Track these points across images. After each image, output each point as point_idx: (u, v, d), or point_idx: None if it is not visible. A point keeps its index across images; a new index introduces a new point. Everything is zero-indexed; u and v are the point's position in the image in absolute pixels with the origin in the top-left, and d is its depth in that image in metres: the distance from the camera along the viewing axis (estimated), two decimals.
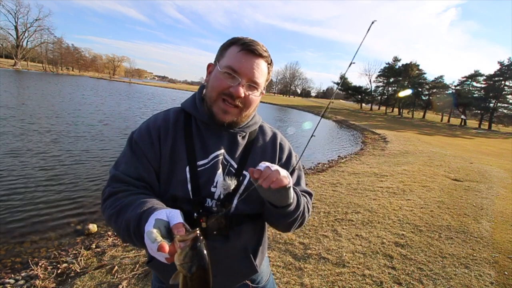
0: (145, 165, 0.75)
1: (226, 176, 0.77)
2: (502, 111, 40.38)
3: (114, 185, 0.73)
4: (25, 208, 3.63)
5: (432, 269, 2.43)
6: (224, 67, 0.73)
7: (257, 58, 0.74)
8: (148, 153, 0.76)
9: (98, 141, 7.42)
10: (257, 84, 0.75)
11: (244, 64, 0.73)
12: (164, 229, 0.52)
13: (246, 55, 0.73)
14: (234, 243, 0.79)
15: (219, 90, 0.74)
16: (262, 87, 0.78)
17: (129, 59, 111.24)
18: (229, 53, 0.75)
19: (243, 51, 0.73)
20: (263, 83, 0.78)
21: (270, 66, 0.80)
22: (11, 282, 2.29)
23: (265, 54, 0.76)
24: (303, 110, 39.27)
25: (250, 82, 0.74)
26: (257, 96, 0.78)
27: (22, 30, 54.30)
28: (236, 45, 0.74)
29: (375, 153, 9.45)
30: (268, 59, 0.78)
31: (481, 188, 5.21)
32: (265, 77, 0.78)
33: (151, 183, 0.76)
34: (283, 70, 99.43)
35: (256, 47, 0.73)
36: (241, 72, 0.72)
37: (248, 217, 0.82)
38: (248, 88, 0.75)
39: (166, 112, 0.84)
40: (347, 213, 3.58)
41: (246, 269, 0.85)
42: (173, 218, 0.54)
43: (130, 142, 0.79)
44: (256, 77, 0.74)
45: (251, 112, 0.81)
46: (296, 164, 0.89)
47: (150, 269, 0.88)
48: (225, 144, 0.80)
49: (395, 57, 51.78)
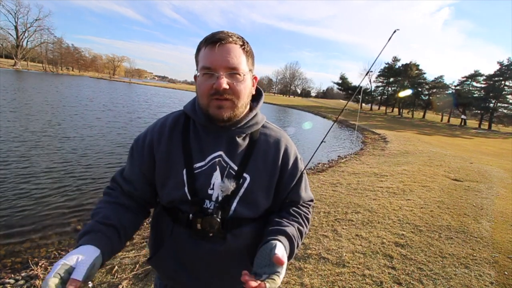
0: (135, 169, 0.82)
1: (225, 178, 0.76)
2: (502, 111, 40.31)
3: (110, 184, 0.85)
4: (25, 208, 3.63)
5: (432, 269, 2.43)
6: (200, 70, 0.73)
7: (225, 45, 0.71)
8: (138, 158, 0.82)
9: (99, 142, 7.43)
10: (236, 69, 0.72)
11: (214, 57, 0.71)
12: (66, 275, 0.54)
13: (212, 48, 0.71)
14: (231, 245, 0.78)
15: (206, 93, 0.73)
16: (244, 70, 0.74)
17: (129, 59, 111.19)
18: (200, 55, 0.74)
19: (208, 46, 0.71)
20: (242, 65, 0.73)
21: (246, 46, 0.76)
22: (11, 282, 2.29)
23: (232, 38, 0.72)
24: (303, 110, 39.28)
25: (228, 71, 0.71)
26: (242, 81, 0.74)
27: (22, 30, 54.34)
28: (202, 45, 0.73)
29: (375, 153, 9.45)
30: (238, 41, 0.74)
31: (481, 188, 5.21)
32: (242, 58, 0.74)
33: (137, 187, 0.82)
34: (283, 70, 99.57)
35: (219, 36, 0.71)
36: (214, 66, 0.71)
37: (247, 220, 0.81)
38: (230, 77, 0.72)
39: (167, 116, 0.86)
40: (347, 213, 3.58)
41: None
42: (77, 270, 0.55)
43: (131, 146, 0.86)
44: (230, 63, 0.71)
45: (245, 100, 0.78)
46: (303, 169, 0.87)
47: (150, 265, 0.90)
48: (223, 145, 0.79)
49: (394, 57, 51.72)
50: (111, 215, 0.74)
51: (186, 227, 0.77)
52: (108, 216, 0.73)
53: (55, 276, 0.52)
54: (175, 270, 0.81)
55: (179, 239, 0.79)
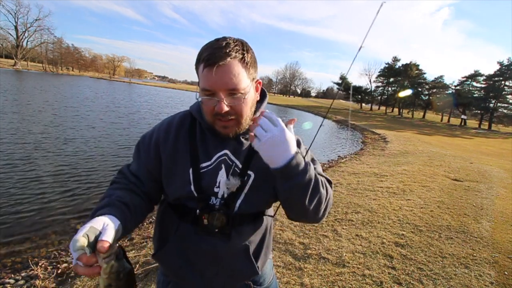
0: (141, 167, 0.83)
1: (231, 176, 0.78)
2: (502, 111, 40.35)
3: (117, 175, 0.85)
4: (25, 208, 3.63)
5: (432, 269, 2.43)
6: (201, 91, 0.73)
7: (223, 66, 0.68)
8: (145, 156, 0.83)
9: (100, 143, 7.43)
10: (236, 90, 0.70)
11: (213, 80, 0.68)
12: (93, 238, 0.54)
13: (210, 69, 0.68)
14: (235, 242, 0.80)
15: (209, 113, 0.74)
16: (245, 88, 0.72)
17: (129, 59, 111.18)
18: (200, 73, 0.72)
19: (207, 67, 0.69)
20: (242, 83, 0.71)
21: (246, 56, 0.72)
22: (11, 282, 2.29)
23: (231, 53, 0.68)
24: (303, 110, 39.29)
25: (228, 92, 0.70)
26: (244, 99, 0.73)
27: (22, 30, 54.37)
28: (201, 63, 0.71)
29: (375, 153, 9.45)
30: (238, 54, 0.70)
31: (481, 188, 5.21)
32: (242, 75, 0.71)
33: (145, 183, 0.82)
34: (283, 70, 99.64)
35: (216, 55, 0.67)
36: (214, 89, 0.69)
37: (251, 217, 0.82)
38: (231, 97, 0.71)
39: (174, 115, 0.88)
40: (347, 213, 3.58)
41: (247, 270, 0.85)
42: (105, 232, 0.55)
43: (137, 144, 0.87)
44: (230, 84, 0.69)
45: (249, 114, 0.78)
46: (306, 153, 0.82)
47: (154, 260, 0.91)
48: (230, 144, 0.80)
49: (394, 57, 51.78)
50: (125, 196, 0.74)
51: (193, 223, 0.79)
52: (122, 196, 0.74)
53: (84, 236, 0.53)
54: (180, 266, 0.82)
55: (184, 235, 0.80)
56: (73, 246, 0.52)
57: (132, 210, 0.73)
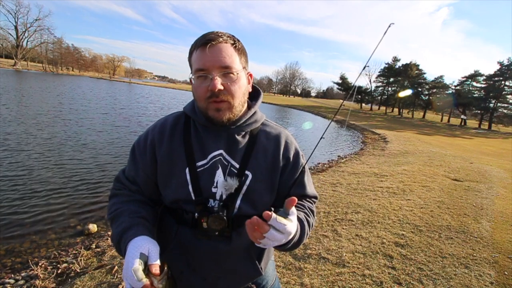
0: (139, 171, 0.82)
1: (228, 177, 0.76)
2: (502, 111, 40.32)
3: (115, 185, 0.84)
4: (25, 208, 3.63)
5: (432, 269, 2.43)
6: (194, 72, 0.73)
7: (216, 46, 0.70)
8: (141, 160, 0.82)
9: (101, 143, 7.43)
10: (229, 68, 0.71)
11: (206, 58, 0.70)
12: (143, 262, 0.61)
13: (203, 49, 0.70)
14: (237, 244, 0.79)
15: (203, 96, 0.73)
16: (237, 68, 0.73)
17: (129, 59, 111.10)
18: (193, 58, 0.74)
19: (199, 48, 0.71)
20: (235, 63, 0.73)
21: (237, 44, 0.75)
22: (11, 282, 2.29)
23: (223, 37, 0.72)
24: (303, 110, 39.27)
25: (222, 70, 0.71)
26: (236, 80, 0.73)
27: (22, 30, 54.51)
28: (194, 48, 0.73)
29: (375, 153, 9.45)
30: (229, 40, 0.73)
31: (481, 188, 5.21)
32: (234, 56, 0.73)
33: (143, 188, 0.82)
34: (283, 70, 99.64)
35: (209, 36, 0.71)
36: (207, 67, 0.70)
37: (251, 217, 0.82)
38: (224, 77, 0.71)
39: (167, 116, 0.87)
40: (347, 213, 3.58)
41: (250, 272, 0.84)
42: (152, 256, 0.62)
43: (132, 148, 0.86)
44: (223, 62, 0.70)
45: (242, 99, 0.77)
46: (305, 163, 0.85)
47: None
48: (223, 143, 0.79)
49: (394, 57, 51.70)
50: (139, 210, 0.76)
51: (192, 227, 0.78)
52: (138, 211, 0.75)
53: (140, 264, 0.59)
54: (181, 271, 0.81)
55: (184, 239, 0.79)
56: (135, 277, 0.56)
57: (151, 222, 0.75)
